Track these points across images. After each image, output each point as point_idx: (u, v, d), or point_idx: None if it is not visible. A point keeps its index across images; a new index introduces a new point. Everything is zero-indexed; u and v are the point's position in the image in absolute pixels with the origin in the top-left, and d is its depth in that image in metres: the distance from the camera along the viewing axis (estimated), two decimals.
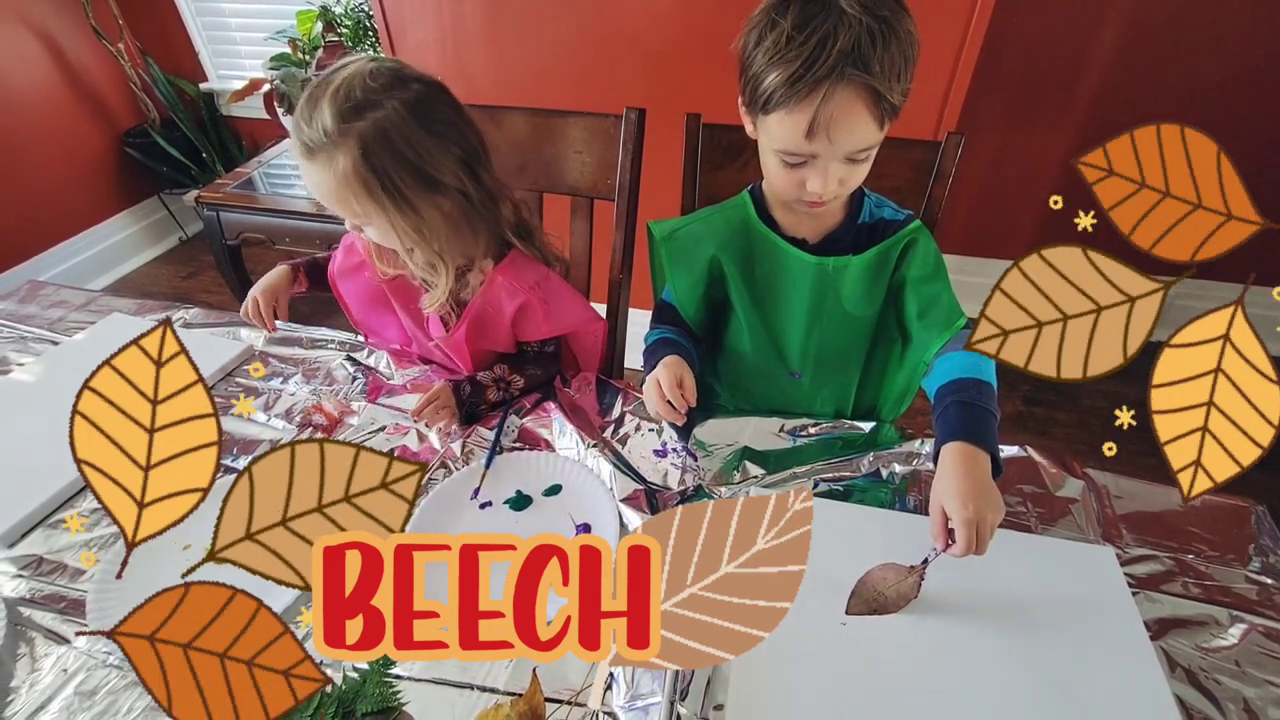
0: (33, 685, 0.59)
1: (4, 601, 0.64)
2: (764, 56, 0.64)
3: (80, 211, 2.42)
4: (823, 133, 0.63)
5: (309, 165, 0.73)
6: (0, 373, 0.94)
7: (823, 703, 0.55)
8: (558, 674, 0.58)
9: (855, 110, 0.62)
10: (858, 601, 0.61)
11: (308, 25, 2.09)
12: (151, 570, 0.69)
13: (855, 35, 0.60)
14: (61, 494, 0.76)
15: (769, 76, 0.63)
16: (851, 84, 0.61)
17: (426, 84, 0.76)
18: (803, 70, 0.61)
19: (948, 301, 0.76)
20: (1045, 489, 0.74)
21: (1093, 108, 1.72)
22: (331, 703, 0.55)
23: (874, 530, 0.69)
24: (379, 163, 0.71)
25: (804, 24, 0.61)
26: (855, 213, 0.80)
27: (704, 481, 0.75)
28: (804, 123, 0.63)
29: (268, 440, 0.83)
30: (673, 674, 0.56)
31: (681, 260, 0.83)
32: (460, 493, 0.75)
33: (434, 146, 0.75)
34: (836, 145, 0.65)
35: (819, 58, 0.60)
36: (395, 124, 0.72)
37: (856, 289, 0.78)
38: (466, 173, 0.78)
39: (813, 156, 0.67)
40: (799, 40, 0.61)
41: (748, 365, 0.89)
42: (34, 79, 2.21)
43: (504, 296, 0.86)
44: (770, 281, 0.81)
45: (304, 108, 0.72)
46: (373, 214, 0.75)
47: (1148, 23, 1.58)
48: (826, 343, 0.83)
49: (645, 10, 1.46)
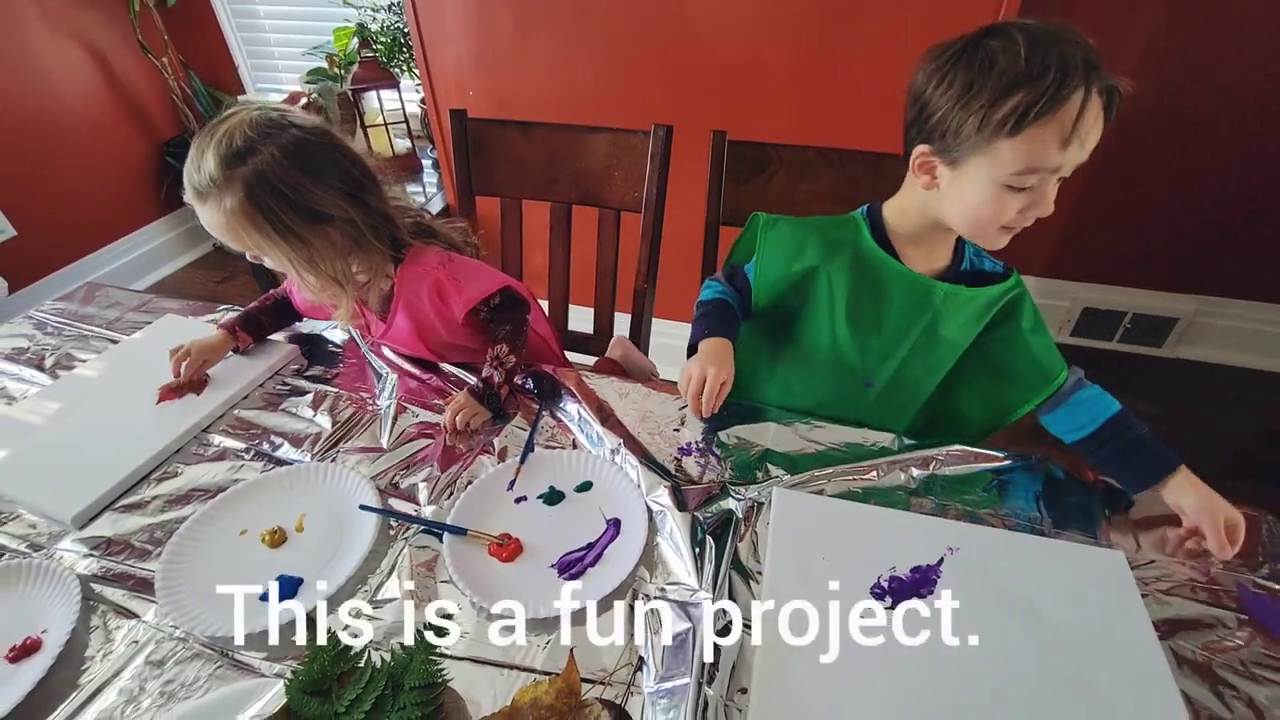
0: (106, 655, 0.63)
1: (78, 578, 0.69)
2: (996, 81, 0.65)
3: (122, 217, 2.51)
4: (1077, 140, 0.65)
5: (201, 208, 0.81)
6: (64, 368, 1.00)
7: (842, 690, 0.58)
8: (593, 655, 0.62)
9: (1100, 116, 0.65)
10: None
11: (344, 42, 2.17)
12: (214, 553, 0.74)
13: (1084, 49, 0.63)
14: (126, 481, 0.81)
15: (1014, 96, 0.64)
16: (1095, 89, 0.64)
17: (303, 129, 0.83)
18: (1060, 78, 0.63)
19: (1048, 352, 0.82)
20: (1059, 495, 0.76)
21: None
22: (382, 676, 0.59)
23: (887, 528, 0.72)
24: (262, 202, 0.79)
25: (1034, 44, 0.64)
26: (959, 260, 0.83)
27: (726, 480, 0.79)
28: (1063, 131, 0.64)
29: (312, 435, 0.87)
30: (699, 657, 0.59)
31: (778, 253, 0.87)
32: (497, 487, 0.79)
33: (312, 184, 0.82)
34: (1085, 151, 0.67)
35: (1068, 69, 0.63)
36: (272, 167, 0.79)
37: (958, 318, 0.82)
38: (349, 202, 0.85)
39: (1051, 172, 0.68)
40: (1038, 58, 0.63)
41: (820, 364, 0.90)
42: (82, 89, 2.31)
43: (415, 283, 0.95)
44: (873, 295, 0.83)
45: (192, 157, 0.80)
46: (264, 247, 0.82)
47: (1158, 48, 1.60)
48: (911, 362, 0.86)
49: (674, 30, 1.51)
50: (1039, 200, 0.70)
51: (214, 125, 0.80)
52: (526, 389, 0.94)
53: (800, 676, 0.59)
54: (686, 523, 0.72)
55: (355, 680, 0.59)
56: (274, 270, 0.89)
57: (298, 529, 0.75)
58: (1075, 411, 0.81)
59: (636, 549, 0.70)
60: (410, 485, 0.80)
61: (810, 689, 0.58)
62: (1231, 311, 1.96)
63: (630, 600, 0.67)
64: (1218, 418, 1.84)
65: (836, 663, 0.60)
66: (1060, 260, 2.02)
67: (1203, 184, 1.78)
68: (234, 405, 0.93)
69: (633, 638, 0.63)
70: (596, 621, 0.65)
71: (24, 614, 0.67)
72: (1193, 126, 1.70)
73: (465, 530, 0.73)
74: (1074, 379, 0.81)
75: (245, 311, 1.05)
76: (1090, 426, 0.79)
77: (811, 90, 1.50)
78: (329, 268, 0.86)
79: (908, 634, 0.62)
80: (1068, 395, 0.81)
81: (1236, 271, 1.89)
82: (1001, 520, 0.73)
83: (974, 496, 0.76)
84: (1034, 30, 0.65)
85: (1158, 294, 1.99)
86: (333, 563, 0.71)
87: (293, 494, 0.79)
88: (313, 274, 0.85)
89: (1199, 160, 1.74)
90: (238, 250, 0.85)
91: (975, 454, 0.80)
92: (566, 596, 0.66)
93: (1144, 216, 1.87)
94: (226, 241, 0.83)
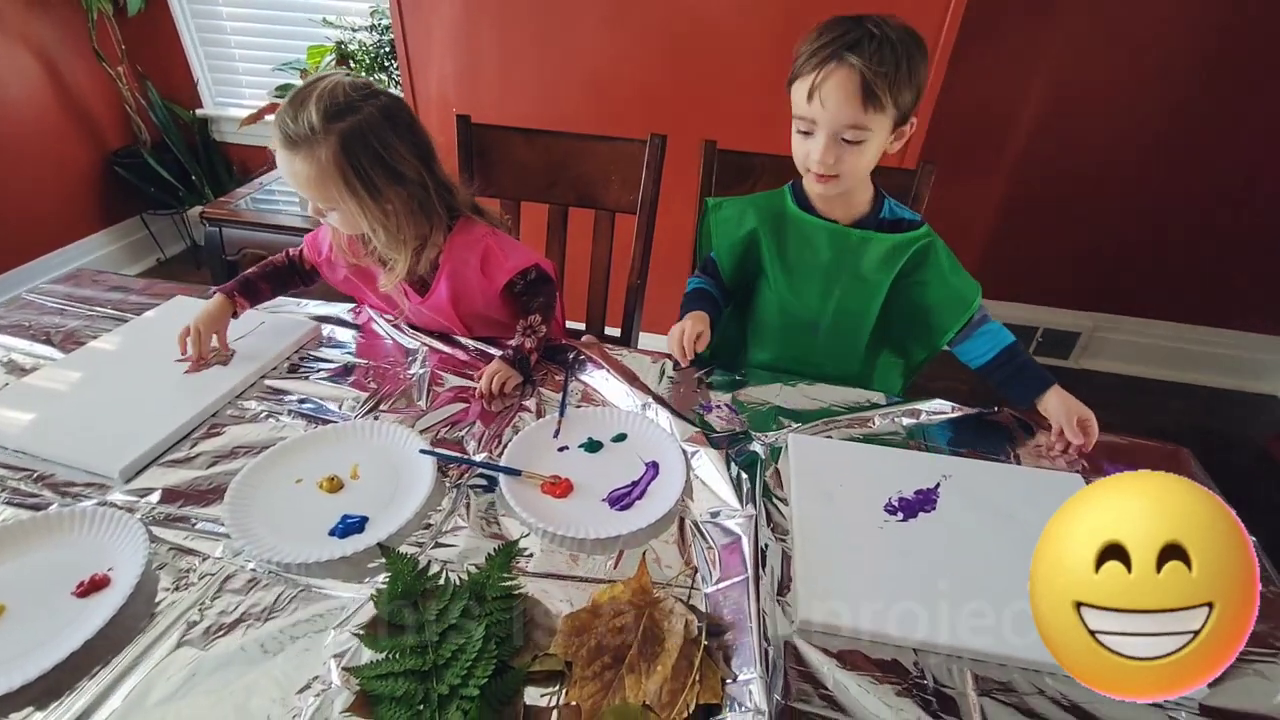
0: (182, 585, 0.65)
1: (140, 519, 0.70)
2: (802, 45, 0.85)
3: (63, 227, 2.40)
4: (817, 96, 0.83)
5: (291, 155, 0.87)
6: (76, 343, 0.99)
7: (868, 578, 0.68)
8: (654, 571, 0.69)
9: (846, 87, 0.81)
10: None
11: (317, 59, 2.21)
12: (273, 497, 0.77)
13: (861, 35, 0.81)
14: (170, 438, 0.82)
15: (799, 58, 0.85)
16: (845, 65, 0.81)
17: (393, 97, 0.93)
18: (817, 49, 0.82)
19: (965, 284, 0.97)
20: (1026, 439, 0.91)
21: (1020, 160, 2.02)
22: (464, 590, 0.64)
23: (889, 462, 0.84)
24: (354, 157, 0.87)
25: (834, 27, 0.83)
26: (879, 208, 0.98)
27: (747, 429, 0.89)
28: (807, 87, 0.83)
29: (349, 399, 0.91)
30: (753, 555, 0.68)
31: (725, 228, 1.03)
32: (541, 437, 0.86)
33: (399, 145, 0.91)
34: (828, 112, 0.83)
35: (830, 43, 0.82)
36: (370, 125, 0.88)
37: (874, 259, 0.96)
38: (424, 167, 0.95)
39: (814, 124, 0.85)
40: (825, 34, 0.83)
41: (774, 324, 1.05)
42: (28, 94, 2.23)
43: (465, 250, 1.02)
44: (799, 249, 0.99)
45: (288, 108, 0.87)
46: (345, 200, 0.89)
47: (1070, 87, 1.89)
48: (845, 302, 1.00)
49: (656, 48, 1.64)
50: (813, 149, 0.86)
51: (312, 81, 0.86)
52: (556, 359, 1.02)
53: (836, 568, 0.69)
54: (720, 458, 0.81)
55: (439, 594, 0.64)
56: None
57: (352, 477, 0.79)
58: (980, 341, 0.98)
59: (679, 483, 0.79)
60: (456, 438, 0.86)
61: (842, 576, 0.68)
62: (1124, 326, 2.25)
63: (678, 524, 0.75)
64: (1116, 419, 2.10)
65: (862, 558, 0.70)
66: (979, 281, 2.27)
67: (1101, 214, 2.07)
68: (263, 375, 0.96)
69: (687, 552, 0.71)
70: (654, 544, 0.72)
71: (85, 554, 0.68)
72: (1091, 165, 1.99)
73: (520, 471, 0.79)
74: (981, 314, 0.98)
75: (244, 276, 1.06)
76: (990, 353, 0.96)
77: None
78: (397, 226, 0.92)
79: (917, 536, 0.73)
80: (977, 326, 0.98)
81: (1128, 292, 2.19)
82: (978, 454, 0.86)
83: (953, 437, 0.90)
84: (846, 22, 0.83)
85: (1064, 311, 2.27)
86: (392, 504, 0.76)
87: (341, 448, 0.83)
88: (384, 231, 0.91)
89: (1097, 192, 2.03)
90: (313, 200, 0.90)
91: (953, 406, 0.94)
92: (622, 520, 0.74)
93: (1053, 242, 2.14)
94: (305, 190, 0.88)
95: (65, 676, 0.57)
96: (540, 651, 0.60)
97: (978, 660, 0.62)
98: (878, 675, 0.60)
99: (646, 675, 0.58)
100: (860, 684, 0.59)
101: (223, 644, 0.60)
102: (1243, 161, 1.90)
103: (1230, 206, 1.97)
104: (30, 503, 0.74)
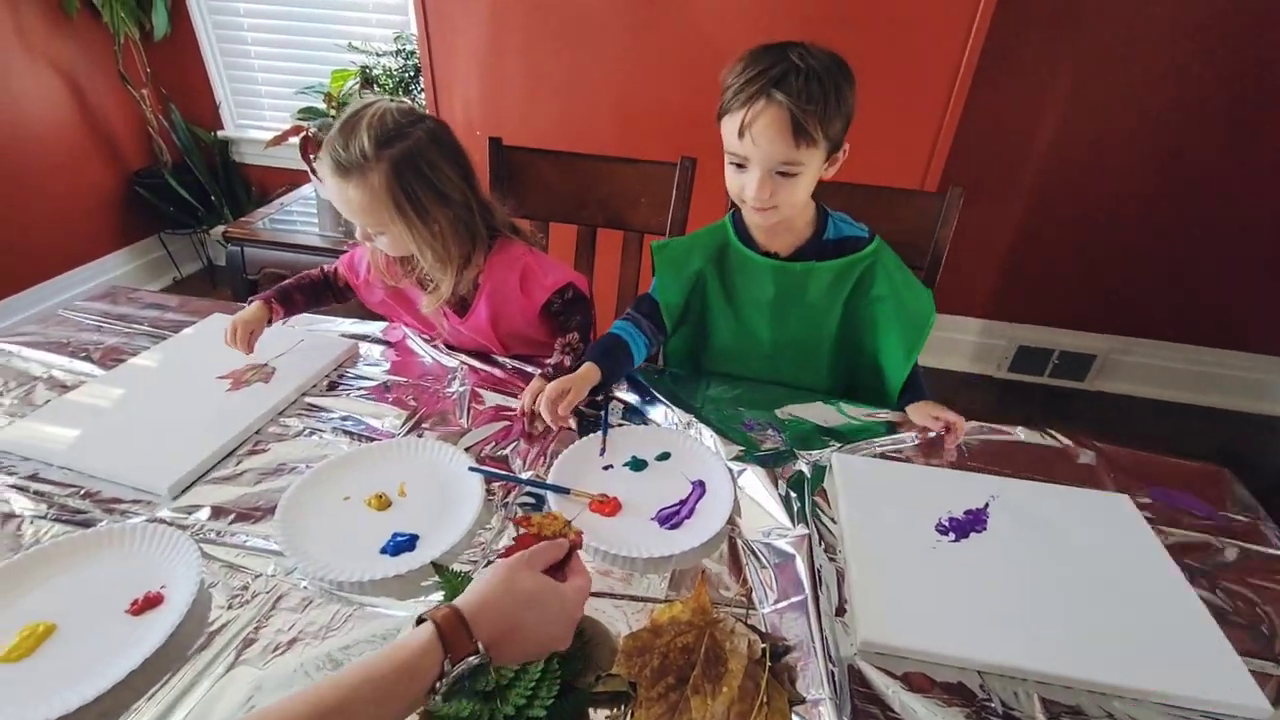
0: (238, 603, 0.65)
1: (190, 536, 0.70)
2: (729, 76, 0.84)
3: (83, 245, 2.42)
4: (748, 135, 0.81)
5: (344, 183, 0.88)
6: (116, 360, 0.99)
7: (926, 598, 0.67)
8: (710, 591, 0.68)
9: (776, 124, 0.80)
10: None
11: (340, 83, 2.25)
12: (323, 514, 0.76)
13: (787, 69, 0.80)
14: (215, 455, 0.82)
15: (726, 91, 0.84)
16: (774, 102, 0.80)
17: (437, 121, 0.95)
18: (744, 85, 0.81)
19: (918, 299, 0.96)
20: (1069, 460, 0.90)
21: (1038, 182, 2.04)
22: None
23: (936, 482, 0.84)
24: (405, 181, 0.89)
25: (759, 59, 0.82)
26: (821, 230, 0.97)
27: (791, 448, 0.88)
28: (737, 124, 0.82)
29: (390, 415, 0.91)
30: (810, 578, 0.67)
31: (671, 267, 1.02)
32: (586, 455, 0.85)
33: (445, 167, 0.93)
34: (760, 150, 0.82)
35: (755, 78, 0.80)
36: (419, 150, 0.90)
37: (820, 287, 0.96)
38: (468, 187, 0.97)
39: (747, 160, 0.84)
40: (750, 68, 0.81)
41: (729, 350, 1.06)
42: (54, 115, 2.26)
43: (505, 269, 1.03)
44: (744, 285, 0.99)
45: (339, 135, 0.88)
46: (395, 222, 0.91)
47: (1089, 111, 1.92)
48: (795, 332, 1.00)
49: (678, 71, 1.67)
50: (748, 184, 0.85)
51: (360, 109, 0.88)
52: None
53: (890, 588, 0.68)
54: (767, 476, 0.81)
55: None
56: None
57: (400, 494, 0.79)
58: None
59: (727, 502, 0.78)
60: (502, 455, 0.85)
61: (895, 598, 0.67)
62: (1139, 349, 2.25)
63: (729, 544, 0.74)
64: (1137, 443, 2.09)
65: (915, 579, 0.70)
66: (998, 303, 2.29)
67: (1118, 237, 2.08)
68: (303, 393, 0.96)
69: (741, 572, 0.71)
70: (706, 563, 0.72)
71: (137, 571, 0.67)
72: (1109, 188, 2.01)
73: (568, 490, 0.79)
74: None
75: (281, 286, 1.08)
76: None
77: None
78: (444, 246, 0.93)
79: (969, 559, 0.73)
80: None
81: (1144, 314, 2.20)
82: (1021, 474, 0.86)
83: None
84: (773, 53, 0.81)
85: (1080, 333, 2.27)
86: (442, 521, 0.75)
87: (387, 465, 0.83)
88: (431, 251, 0.92)
89: (1115, 215, 2.05)
90: (364, 225, 0.92)
91: (991, 427, 0.94)
92: (673, 540, 0.73)
93: (1070, 264, 2.16)
94: (356, 216, 0.90)
95: (125, 695, 0.56)
96: (603, 672, 0.60)
97: (1042, 683, 0.61)
98: (944, 698, 0.59)
99: (712, 696, 0.57)
100: (927, 706, 0.58)
101: (280, 663, 0.60)
102: (1260, 185, 1.92)
103: (1247, 229, 1.99)
104: (79, 519, 0.73)
